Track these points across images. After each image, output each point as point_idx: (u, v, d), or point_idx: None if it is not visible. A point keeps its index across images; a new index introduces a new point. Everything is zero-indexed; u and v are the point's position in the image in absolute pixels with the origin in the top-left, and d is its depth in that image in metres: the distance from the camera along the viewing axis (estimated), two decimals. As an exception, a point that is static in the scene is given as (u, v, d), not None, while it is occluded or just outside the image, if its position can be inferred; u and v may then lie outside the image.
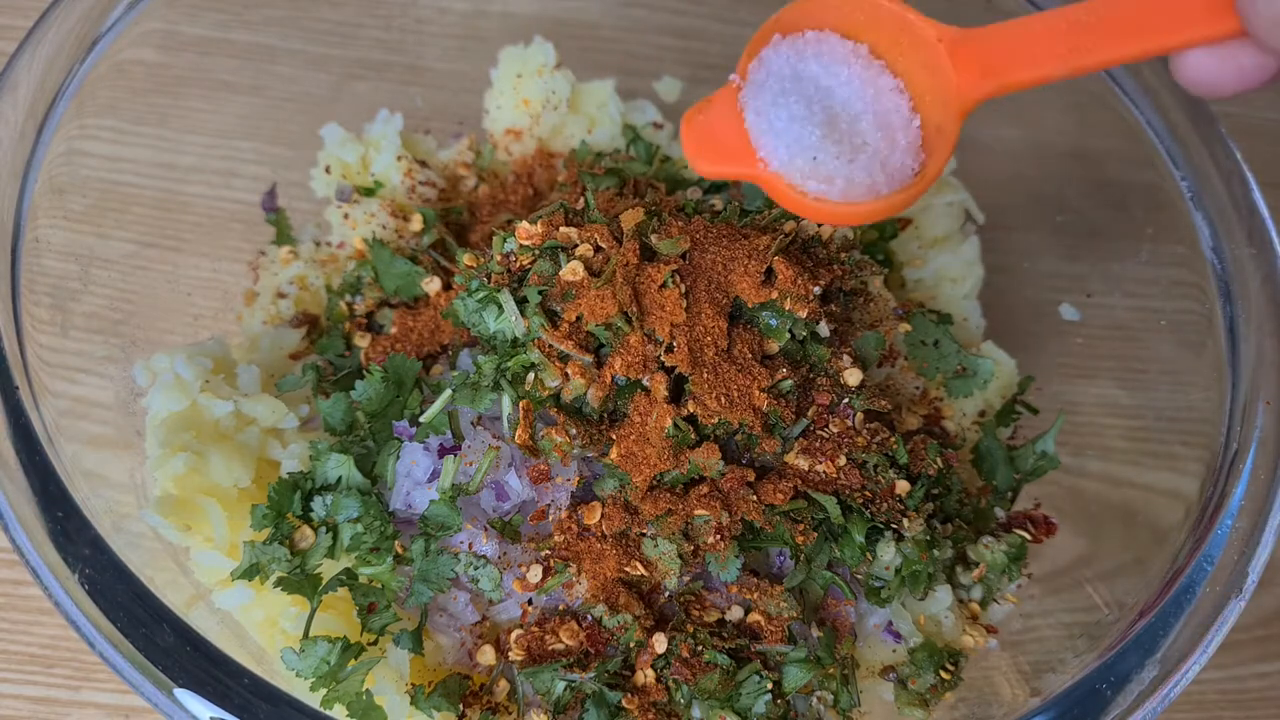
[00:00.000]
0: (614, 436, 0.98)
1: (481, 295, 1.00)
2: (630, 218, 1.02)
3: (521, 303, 1.00)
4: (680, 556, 0.96)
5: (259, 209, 1.29)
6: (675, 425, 0.96)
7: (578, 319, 0.98)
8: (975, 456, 1.17)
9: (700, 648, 0.96)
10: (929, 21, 0.87)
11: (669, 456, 0.96)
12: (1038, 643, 1.10)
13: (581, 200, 1.08)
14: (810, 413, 1.02)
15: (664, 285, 0.99)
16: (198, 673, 0.85)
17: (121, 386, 1.09)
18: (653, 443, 0.96)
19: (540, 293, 1.00)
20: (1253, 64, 0.79)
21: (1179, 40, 0.80)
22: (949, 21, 0.87)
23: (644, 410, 0.98)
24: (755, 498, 0.98)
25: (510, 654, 0.97)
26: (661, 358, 0.98)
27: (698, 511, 0.96)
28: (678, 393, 0.99)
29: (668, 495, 0.97)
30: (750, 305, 1.01)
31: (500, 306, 1.00)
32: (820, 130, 0.86)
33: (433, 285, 1.13)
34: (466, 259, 1.05)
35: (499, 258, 1.02)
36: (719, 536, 0.96)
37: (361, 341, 1.14)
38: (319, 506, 0.99)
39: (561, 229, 1.02)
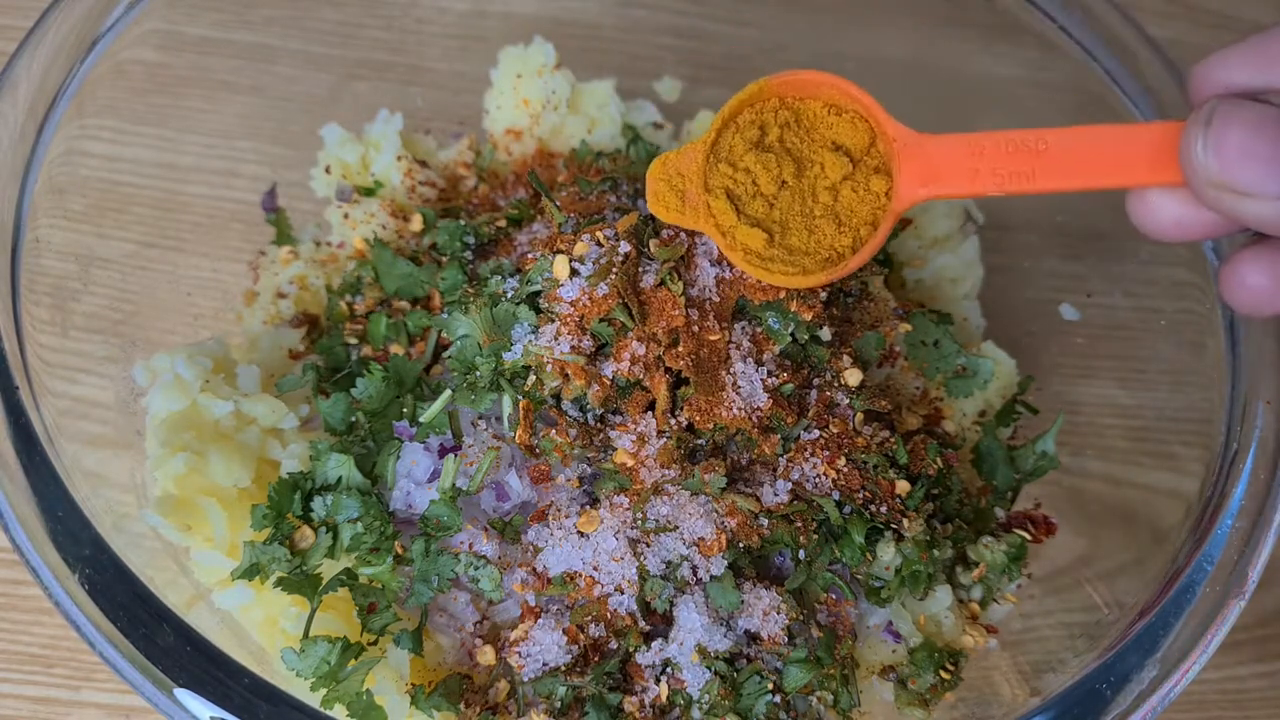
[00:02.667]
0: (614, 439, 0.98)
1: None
2: (626, 220, 1.02)
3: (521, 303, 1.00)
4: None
5: (259, 209, 1.29)
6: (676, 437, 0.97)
7: (580, 318, 0.98)
8: (975, 456, 1.17)
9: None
10: (891, 121, 0.93)
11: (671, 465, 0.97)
12: (1038, 643, 1.10)
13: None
14: (810, 414, 1.02)
15: (661, 283, 0.99)
16: (198, 673, 0.85)
17: (121, 386, 1.09)
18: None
19: (536, 294, 1.00)
20: (1191, 216, 0.81)
21: (1118, 182, 0.85)
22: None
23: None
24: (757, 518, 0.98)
25: (510, 657, 0.97)
26: (662, 357, 0.98)
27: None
28: (675, 395, 0.99)
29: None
30: (756, 304, 1.01)
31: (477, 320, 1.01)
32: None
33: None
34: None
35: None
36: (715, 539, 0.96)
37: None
38: (319, 506, 0.99)
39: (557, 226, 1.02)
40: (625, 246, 1.00)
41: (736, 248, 0.97)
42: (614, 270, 0.98)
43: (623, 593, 0.96)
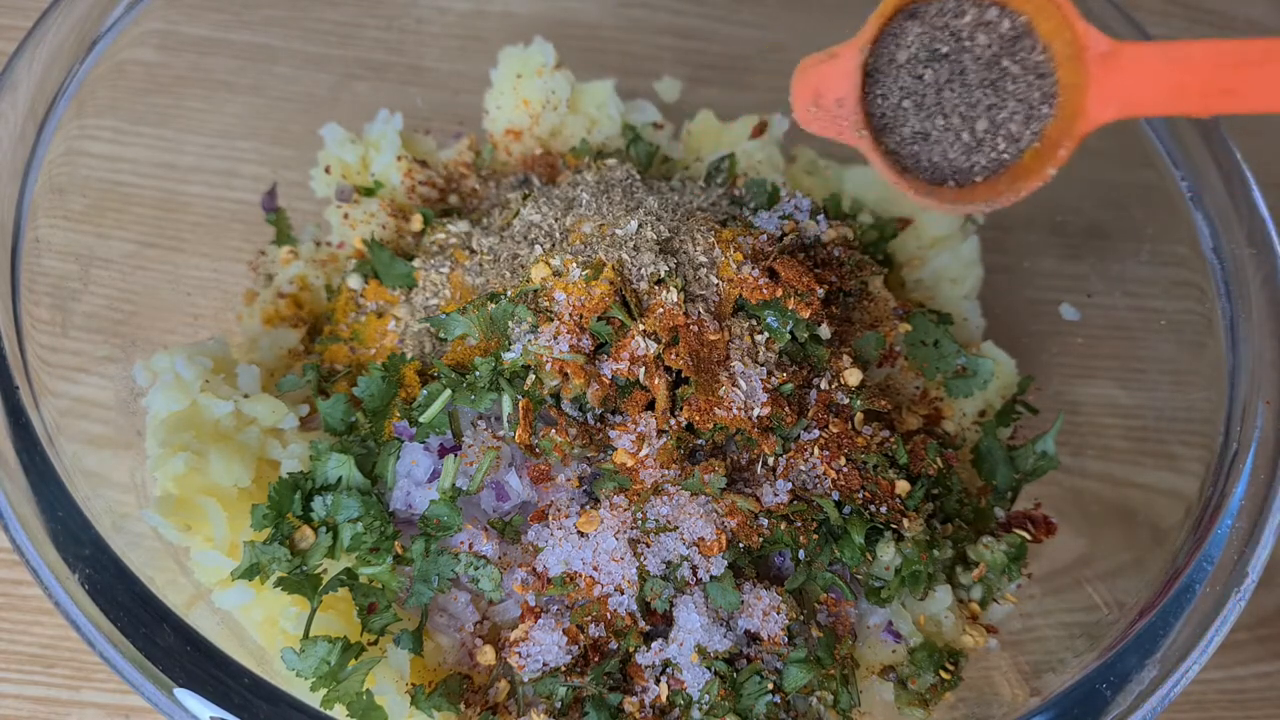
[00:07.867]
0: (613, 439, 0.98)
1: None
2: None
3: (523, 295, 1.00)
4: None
5: (259, 209, 1.29)
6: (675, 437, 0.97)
7: (580, 316, 0.98)
8: (975, 456, 1.17)
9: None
10: (1087, 26, 0.79)
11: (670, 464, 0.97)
12: (1038, 643, 1.10)
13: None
14: (810, 413, 1.02)
15: (659, 281, 0.99)
16: (198, 673, 0.85)
17: (121, 386, 1.09)
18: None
19: (535, 292, 1.00)
20: None
21: None
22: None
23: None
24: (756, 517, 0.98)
25: (510, 657, 0.97)
26: (661, 355, 0.98)
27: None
28: (674, 394, 0.99)
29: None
30: (754, 303, 1.01)
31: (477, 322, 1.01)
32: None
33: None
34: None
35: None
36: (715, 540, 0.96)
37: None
38: (319, 506, 0.99)
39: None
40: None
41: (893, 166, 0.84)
42: (604, 260, 0.97)
43: (623, 593, 0.96)
